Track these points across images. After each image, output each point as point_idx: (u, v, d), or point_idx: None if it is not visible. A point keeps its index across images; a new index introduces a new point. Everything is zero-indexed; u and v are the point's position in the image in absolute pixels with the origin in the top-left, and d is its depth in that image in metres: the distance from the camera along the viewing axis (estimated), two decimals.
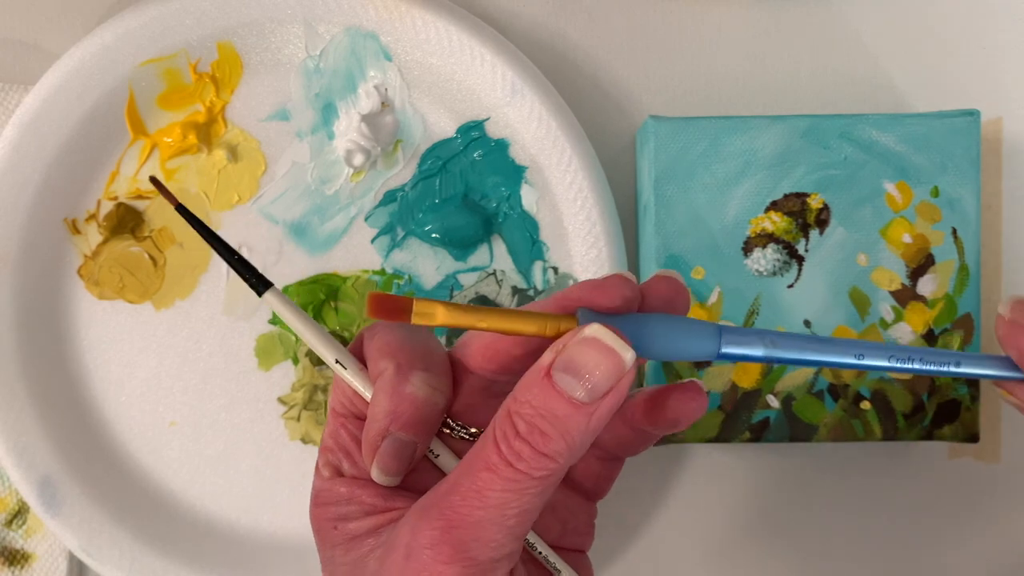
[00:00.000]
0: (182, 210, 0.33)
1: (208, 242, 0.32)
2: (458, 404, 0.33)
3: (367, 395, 0.32)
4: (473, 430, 0.33)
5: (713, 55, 0.49)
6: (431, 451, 0.33)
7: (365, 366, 0.33)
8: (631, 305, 0.31)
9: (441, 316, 0.30)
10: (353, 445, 0.33)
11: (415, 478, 0.32)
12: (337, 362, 0.32)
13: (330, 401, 0.34)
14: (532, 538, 0.33)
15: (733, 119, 0.45)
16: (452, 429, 0.33)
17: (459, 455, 0.33)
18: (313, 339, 0.32)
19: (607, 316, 0.30)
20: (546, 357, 0.29)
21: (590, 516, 0.36)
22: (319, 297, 0.48)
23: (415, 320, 0.30)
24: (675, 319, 0.31)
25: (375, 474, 0.31)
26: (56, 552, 0.49)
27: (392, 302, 0.30)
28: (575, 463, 0.30)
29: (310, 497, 0.33)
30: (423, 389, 0.31)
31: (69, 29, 0.48)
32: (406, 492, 0.32)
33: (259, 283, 0.32)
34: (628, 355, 0.29)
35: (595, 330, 0.29)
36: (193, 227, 0.33)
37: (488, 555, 0.29)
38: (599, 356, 0.29)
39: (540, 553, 0.33)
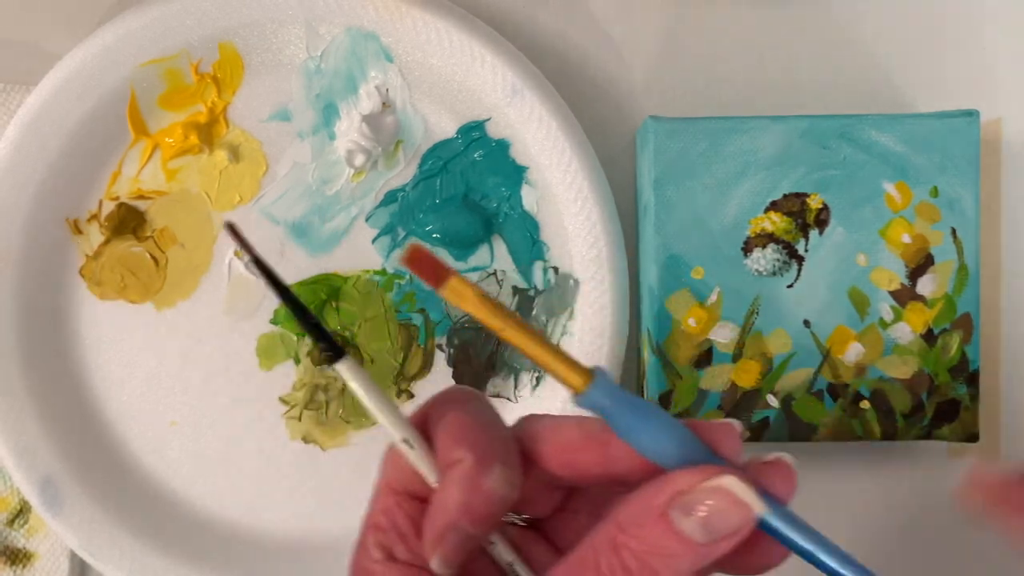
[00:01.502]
0: (258, 263, 0.30)
1: (285, 303, 0.30)
2: None
3: (432, 479, 0.31)
4: (526, 516, 0.33)
5: (713, 55, 0.49)
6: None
7: (430, 443, 0.31)
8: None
9: (471, 304, 0.29)
10: (409, 528, 0.31)
11: (468, 565, 0.31)
12: (405, 441, 0.31)
13: (383, 474, 0.32)
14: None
15: (733, 119, 0.45)
16: (507, 515, 0.32)
17: (510, 542, 0.32)
18: (382, 416, 0.31)
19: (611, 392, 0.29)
20: (662, 493, 0.28)
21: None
22: (320, 297, 0.48)
23: (445, 293, 0.29)
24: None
25: (435, 564, 0.30)
26: (58, 551, 0.49)
27: (432, 265, 0.29)
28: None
29: (352, 573, 0.32)
30: (502, 486, 0.30)
31: (70, 30, 0.48)
32: None
33: (333, 352, 0.30)
34: (760, 508, 0.28)
35: (730, 482, 0.28)
36: (270, 285, 0.30)
37: None
38: (730, 507, 0.28)
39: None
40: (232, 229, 0.31)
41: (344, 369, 0.30)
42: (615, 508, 0.29)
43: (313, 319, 0.30)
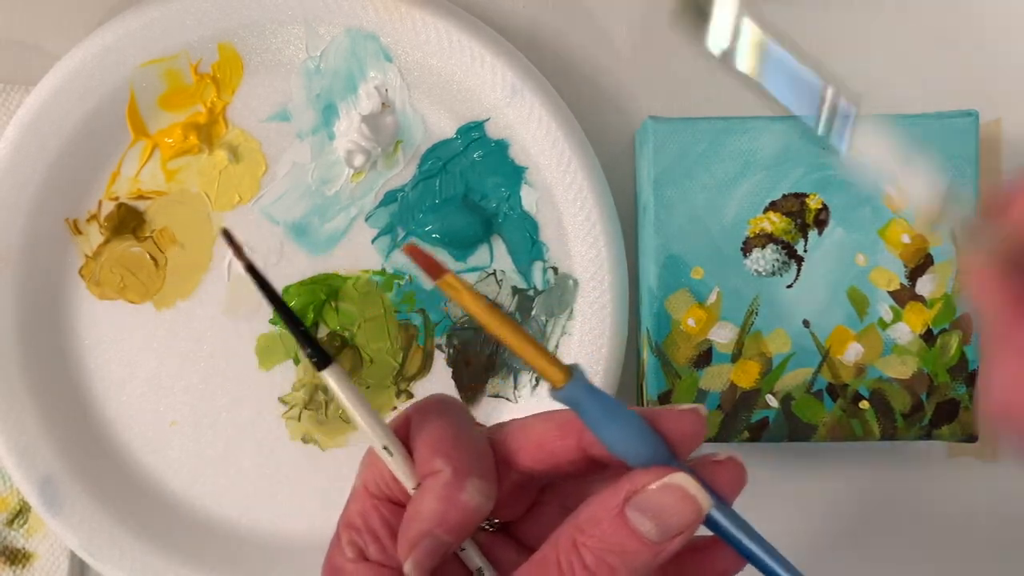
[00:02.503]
0: (251, 271, 0.31)
1: (275, 308, 0.31)
2: None
3: (409, 486, 0.32)
4: (496, 521, 0.34)
5: (713, 55, 0.49)
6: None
7: (409, 450, 0.32)
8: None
9: (467, 299, 0.30)
10: (383, 530, 0.32)
11: (438, 569, 0.32)
12: (384, 448, 0.32)
13: (360, 477, 0.33)
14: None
15: (732, 120, 0.45)
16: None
17: (480, 546, 0.33)
18: (363, 422, 0.32)
19: (599, 398, 0.30)
20: (618, 494, 0.29)
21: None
22: (320, 297, 0.48)
23: (441, 284, 0.30)
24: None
25: (408, 568, 0.31)
26: (57, 551, 0.49)
27: (429, 261, 0.31)
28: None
29: (325, 570, 0.33)
30: (476, 498, 0.31)
31: (70, 30, 0.48)
32: None
33: (320, 359, 0.31)
34: (707, 504, 0.30)
35: (681, 479, 0.29)
36: (261, 290, 0.31)
37: None
38: (679, 503, 0.29)
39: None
40: (227, 235, 0.32)
41: (329, 376, 0.31)
42: (577, 509, 0.30)
43: (301, 326, 0.31)
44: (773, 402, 0.45)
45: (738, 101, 0.49)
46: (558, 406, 0.31)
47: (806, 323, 0.45)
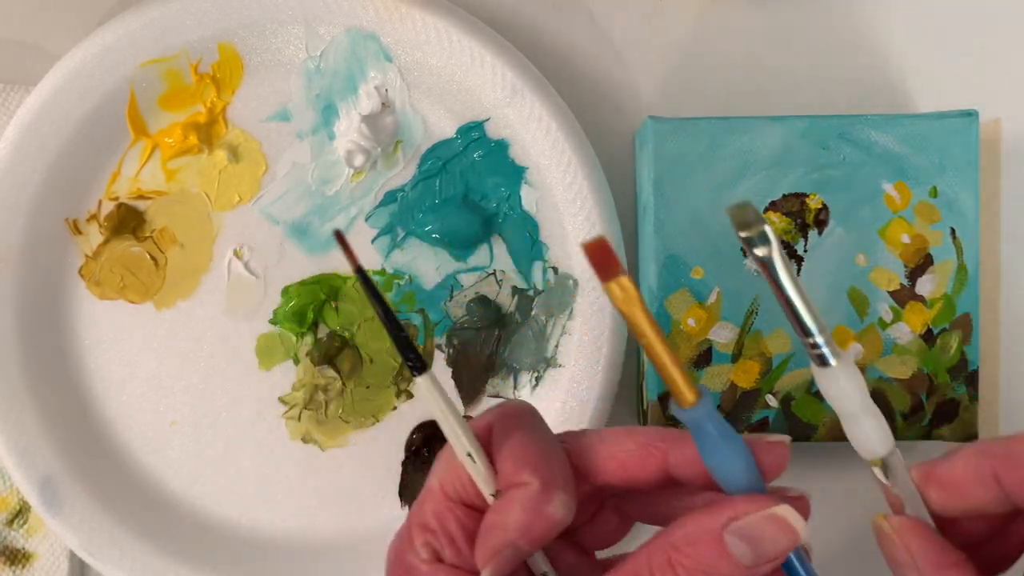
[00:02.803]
0: (360, 273, 0.33)
1: (381, 314, 0.33)
2: None
3: (488, 493, 0.33)
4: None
5: (713, 55, 0.49)
6: None
7: (489, 457, 0.33)
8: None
9: (639, 313, 0.30)
10: (459, 534, 0.33)
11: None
12: (468, 455, 0.33)
13: (437, 477, 0.34)
14: None
15: (732, 120, 0.45)
16: None
17: (546, 552, 0.34)
18: (450, 429, 0.33)
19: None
20: (716, 517, 0.31)
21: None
22: (319, 297, 0.48)
23: (613, 290, 0.30)
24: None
25: (487, 575, 0.32)
26: (57, 551, 0.49)
27: (611, 261, 0.30)
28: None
29: (390, 560, 0.34)
30: (561, 511, 0.32)
31: (70, 30, 0.48)
32: None
33: (418, 365, 0.32)
34: (806, 535, 0.31)
35: (785, 511, 0.31)
36: (368, 294, 0.33)
37: None
38: (780, 534, 0.31)
39: None
40: (340, 237, 0.33)
41: (424, 382, 0.32)
42: (671, 527, 0.31)
43: (403, 331, 0.32)
44: (773, 402, 0.46)
45: (738, 101, 0.50)
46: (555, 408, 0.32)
47: None
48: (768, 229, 0.31)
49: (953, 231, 0.45)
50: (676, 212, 0.45)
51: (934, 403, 0.45)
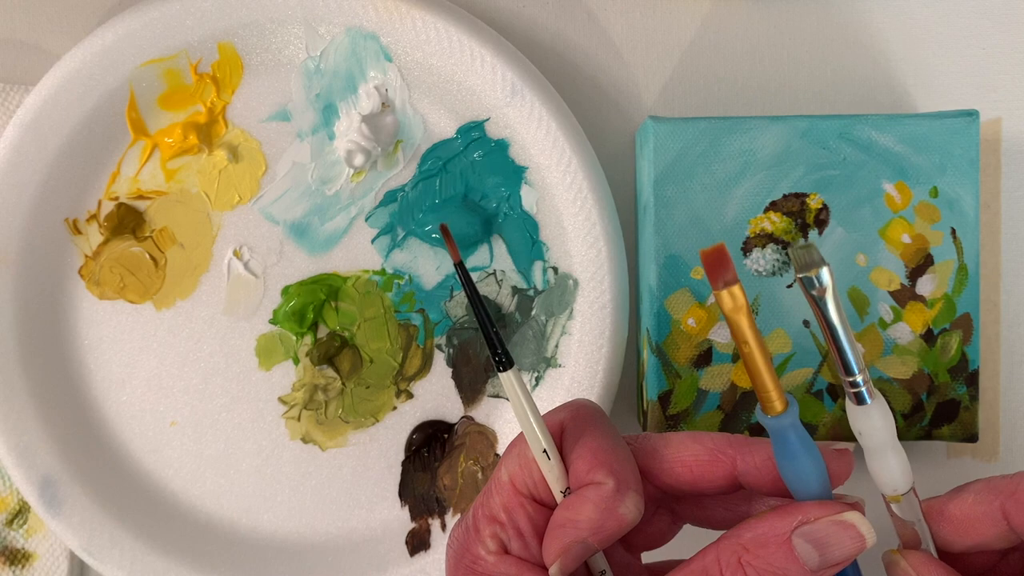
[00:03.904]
0: (460, 267, 0.33)
1: (474, 309, 0.34)
2: None
3: (558, 489, 0.34)
4: None
5: (713, 55, 0.49)
6: None
7: (561, 454, 0.34)
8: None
9: (744, 322, 0.31)
10: (528, 527, 0.34)
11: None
12: (544, 452, 0.33)
13: (507, 470, 0.34)
14: None
15: (732, 120, 0.45)
16: None
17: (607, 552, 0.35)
18: (529, 425, 0.34)
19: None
20: (786, 521, 0.32)
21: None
22: (319, 297, 0.48)
23: (723, 298, 0.31)
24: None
25: (554, 571, 0.33)
26: (57, 552, 0.49)
27: (727, 270, 0.31)
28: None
29: (455, 549, 0.34)
30: (632, 512, 0.33)
31: (70, 30, 0.48)
32: None
33: (506, 361, 0.34)
34: (873, 541, 0.32)
35: (855, 517, 0.32)
36: (465, 289, 0.34)
37: None
38: (848, 540, 0.31)
39: None
40: (445, 231, 0.34)
41: (510, 377, 0.34)
42: (739, 528, 0.32)
43: (495, 327, 0.34)
44: None
45: (738, 101, 0.49)
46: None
47: (806, 323, 0.45)
48: (826, 271, 0.31)
49: (953, 231, 0.45)
50: (676, 212, 0.45)
51: (934, 403, 0.45)
